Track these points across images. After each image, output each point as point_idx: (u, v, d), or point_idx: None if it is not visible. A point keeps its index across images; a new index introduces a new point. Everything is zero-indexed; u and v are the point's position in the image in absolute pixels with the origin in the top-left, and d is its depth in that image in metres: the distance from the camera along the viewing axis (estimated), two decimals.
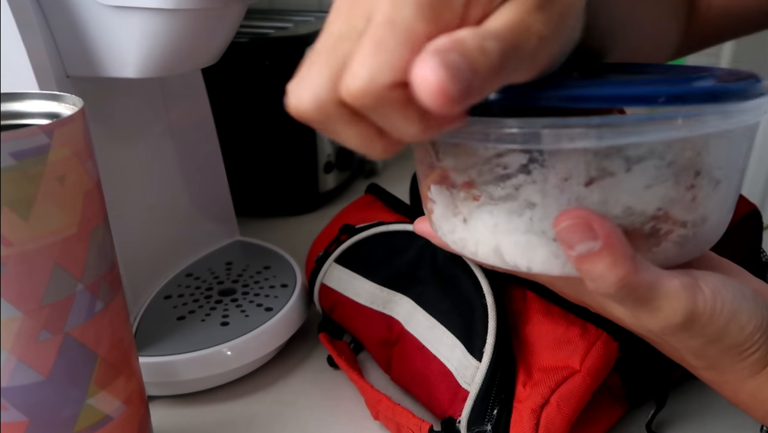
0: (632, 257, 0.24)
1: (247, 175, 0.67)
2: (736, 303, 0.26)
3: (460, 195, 0.27)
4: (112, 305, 0.31)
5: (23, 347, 0.28)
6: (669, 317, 0.25)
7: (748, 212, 0.42)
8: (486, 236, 0.27)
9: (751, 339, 0.26)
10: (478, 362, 0.35)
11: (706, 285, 0.25)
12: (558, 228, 0.24)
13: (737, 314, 0.26)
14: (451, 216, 0.28)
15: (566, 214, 0.24)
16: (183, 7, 0.35)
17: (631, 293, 0.24)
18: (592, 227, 0.23)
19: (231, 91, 0.64)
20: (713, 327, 0.25)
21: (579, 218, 0.23)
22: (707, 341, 0.26)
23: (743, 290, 0.27)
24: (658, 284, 0.24)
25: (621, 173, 0.24)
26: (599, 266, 0.23)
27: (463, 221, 0.27)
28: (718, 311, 0.25)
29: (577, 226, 0.23)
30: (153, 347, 0.42)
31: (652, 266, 0.25)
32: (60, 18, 0.37)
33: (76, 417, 0.30)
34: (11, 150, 0.25)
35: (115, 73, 0.38)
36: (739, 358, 0.27)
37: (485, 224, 0.26)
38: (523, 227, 0.25)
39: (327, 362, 0.46)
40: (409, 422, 0.36)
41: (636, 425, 0.38)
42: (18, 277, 0.27)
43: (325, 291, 0.46)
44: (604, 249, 0.23)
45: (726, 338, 0.26)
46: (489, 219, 0.26)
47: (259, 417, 0.41)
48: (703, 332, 0.26)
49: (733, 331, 0.26)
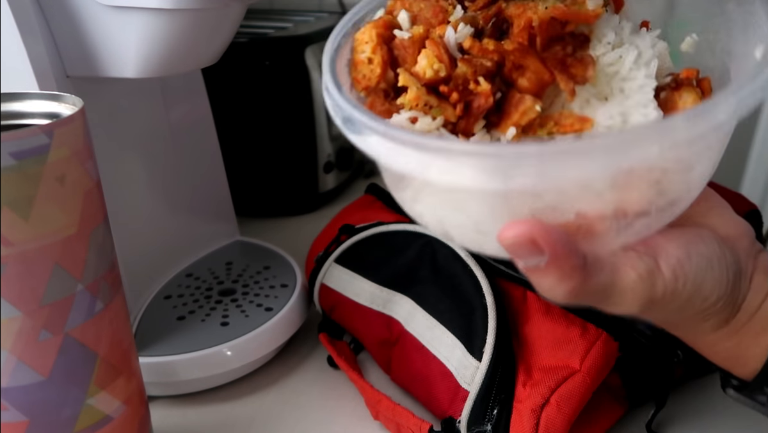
0: (581, 266, 0.23)
1: (247, 175, 0.67)
2: (700, 277, 0.25)
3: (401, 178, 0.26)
4: (112, 305, 0.31)
5: (23, 347, 0.28)
6: (627, 308, 0.25)
7: (747, 212, 0.42)
8: (433, 221, 0.26)
9: (714, 306, 0.27)
10: (478, 362, 0.35)
11: (667, 265, 0.25)
12: (503, 243, 0.23)
13: (700, 288, 0.25)
14: (399, 190, 0.27)
15: (511, 228, 0.22)
16: (183, 7, 0.35)
17: (585, 298, 0.24)
18: (537, 243, 0.22)
19: (231, 91, 0.64)
20: (674, 304, 0.25)
21: (522, 233, 0.22)
22: (669, 312, 0.26)
23: (710, 255, 0.26)
24: (612, 282, 0.24)
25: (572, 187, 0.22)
26: (547, 279, 0.23)
27: (411, 199, 0.26)
28: (680, 290, 0.25)
29: (521, 241, 0.22)
30: (153, 347, 0.42)
31: (606, 264, 0.24)
32: (60, 18, 0.37)
33: (76, 417, 0.30)
34: (11, 150, 0.25)
35: (115, 73, 0.38)
36: (701, 321, 0.27)
37: (432, 213, 0.25)
38: (468, 224, 0.24)
39: (327, 362, 0.46)
40: (409, 422, 0.36)
41: (636, 425, 0.38)
42: (18, 277, 0.27)
43: (325, 291, 0.46)
44: (551, 264, 0.22)
45: (688, 309, 0.26)
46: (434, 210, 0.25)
47: (259, 417, 0.41)
48: (663, 310, 0.26)
49: (696, 302, 0.26)
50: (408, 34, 0.27)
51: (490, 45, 0.25)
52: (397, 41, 0.27)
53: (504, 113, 0.25)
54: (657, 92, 0.26)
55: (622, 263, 0.24)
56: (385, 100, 0.26)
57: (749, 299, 0.28)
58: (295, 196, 0.70)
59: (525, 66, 0.25)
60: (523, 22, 0.25)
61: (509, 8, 0.26)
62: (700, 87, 0.28)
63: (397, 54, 0.26)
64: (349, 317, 0.45)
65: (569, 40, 0.26)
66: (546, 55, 0.25)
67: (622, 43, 0.27)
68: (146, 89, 0.47)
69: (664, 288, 0.25)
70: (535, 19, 0.25)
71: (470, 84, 0.25)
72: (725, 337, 0.28)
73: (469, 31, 0.26)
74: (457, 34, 0.26)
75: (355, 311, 0.44)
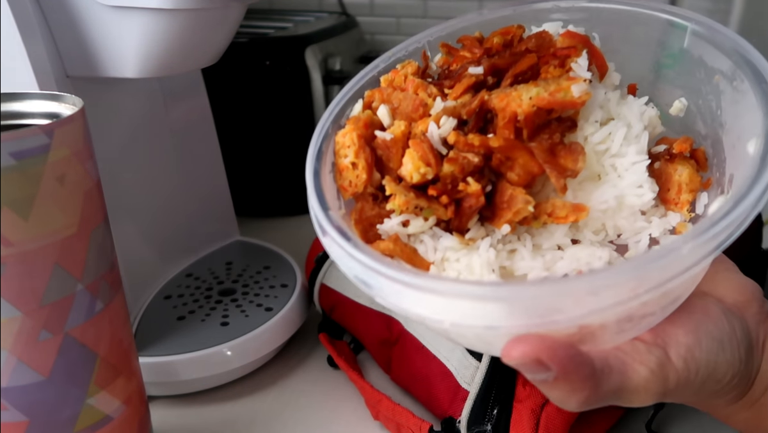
0: (590, 376, 0.22)
1: (247, 175, 0.67)
2: (712, 362, 0.25)
3: None
4: (112, 305, 0.31)
5: (23, 347, 0.28)
6: (642, 401, 0.24)
7: None
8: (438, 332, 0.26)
9: (728, 386, 0.26)
10: (478, 361, 0.35)
11: (677, 354, 0.24)
12: (508, 361, 0.22)
13: (714, 372, 0.25)
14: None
15: (514, 347, 0.22)
16: (183, 7, 0.35)
17: (599, 401, 0.23)
18: (543, 361, 0.22)
19: (231, 91, 0.64)
20: (689, 390, 0.25)
21: (527, 353, 0.22)
22: (684, 397, 0.26)
23: (720, 337, 0.25)
24: (623, 384, 0.23)
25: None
26: (557, 392, 0.23)
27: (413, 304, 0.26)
28: (693, 378, 0.24)
29: (527, 361, 0.22)
30: (153, 347, 0.42)
31: (615, 366, 0.23)
32: (60, 18, 0.37)
33: (76, 417, 0.30)
34: (11, 150, 0.25)
35: (115, 73, 0.38)
36: (716, 398, 0.27)
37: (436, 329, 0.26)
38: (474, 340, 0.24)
39: (327, 362, 0.46)
40: (409, 422, 0.36)
41: (636, 425, 0.38)
42: (18, 277, 0.27)
43: (325, 291, 0.46)
44: (560, 378, 0.22)
45: (703, 391, 0.26)
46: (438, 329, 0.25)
47: (259, 417, 0.41)
48: (679, 396, 0.25)
49: (710, 385, 0.25)
50: (390, 135, 0.26)
51: (476, 141, 0.25)
52: (379, 141, 0.26)
53: (496, 207, 0.25)
54: (651, 161, 0.26)
55: (631, 360, 0.24)
56: (374, 204, 0.26)
57: (763, 370, 0.27)
58: (295, 196, 0.70)
59: (513, 159, 0.24)
60: (508, 115, 0.25)
61: (492, 100, 0.25)
62: (694, 158, 0.28)
63: (381, 154, 0.26)
64: (349, 317, 0.45)
65: (556, 126, 0.25)
66: (533, 145, 0.25)
67: (610, 117, 0.26)
68: (146, 89, 0.47)
69: (677, 379, 0.24)
70: (521, 112, 0.25)
71: (459, 183, 0.24)
72: (742, 409, 0.28)
73: (452, 124, 0.25)
74: (441, 129, 0.25)
75: (355, 310, 0.44)
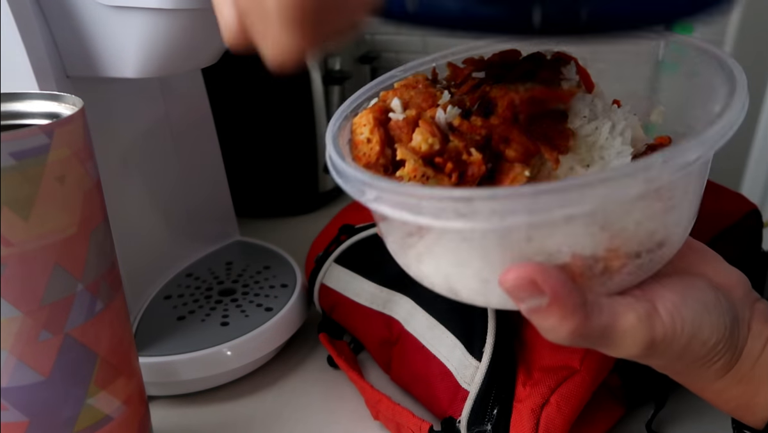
0: (581, 305, 0.24)
1: (247, 176, 0.67)
2: (697, 321, 0.26)
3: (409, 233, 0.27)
4: (112, 305, 0.31)
5: (23, 347, 0.28)
6: (628, 350, 0.25)
7: (747, 212, 0.42)
8: (439, 278, 0.27)
9: (713, 351, 0.27)
10: (478, 361, 0.35)
11: (665, 308, 0.25)
12: (504, 286, 0.24)
13: (699, 332, 0.26)
14: (403, 253, 0.28)
15: (510, 271, 0.23)
16: (183, 7, 0.35)
17: (587, 338, 0.24)
18: (537, 284, 0.23)
19: (231, 91, 0.64)
20: (674, 348, 0.26)
21: (523, 275, 0.23)
22: (670, 359, 0.27)
23: (705, 301, 0.26)
24: (612, 324, 0.24)
25: (563, 226, 0.23)
26: (550, 320, 0.24)
27: (416, 259, 0.27)
28: (678, 333, 0.25)
29: (522, 283, 0.23)
30: (153, 347, 0.42)
31: (605, 306, 0.24)
32: (60, 18, 0.37)
33: (76, 417, 0.30)
34: (11, 150, 0.25)
35: (115, 73, 0.38)
36: (704, 368, 0.27)
37: (436, 270, 0.27)
38: (472, 275, 0.25)
39: (327, 362, 0.46)
40: (409, 422, 0.36)
41: (636, 425, 0.38)
42: (18, 277, 0.27)
43: (325, 291, 0.46)
44: (552, 304, 0.23)
45: (689, 354, 0.26)
46: (439, 266, 0.26)
47: (259, 417, 0.41)
48: (664, 354, 0.26)
49: (696, 347, 0.26)
50: (402, 116, 0.29)
51: (478, 122, 0.28)
52: (392, 123, 0.29)
53: (496, 181, 0.27)
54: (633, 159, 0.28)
55: (621, 306, 0.25)
56: (384, 174, 0.28)
57: (750, 346, 0.28)
58: (295, 196, 0.70)
59: (511, 138, 0.27)
60: (506, 102, 0.28)
61: (493, 91, 0.29)
62: None
63: (393, 134, 0.29)
64: (349, 317, 0.45)
65: (548, 115, 0.28)
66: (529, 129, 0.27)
67: (596, 117, 0.29)
68: (146, 89, 0.47)
69: (663, 330, 0.25)
70: (517, 99, 0.28)
71: (463, 155, 0.27)
72: (731, 384, 0.28)
73: (457, 112, 0.28)
74: (447, 114, 0.28)
75: (355, 310, 0.44)
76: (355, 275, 0.44)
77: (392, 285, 0.42)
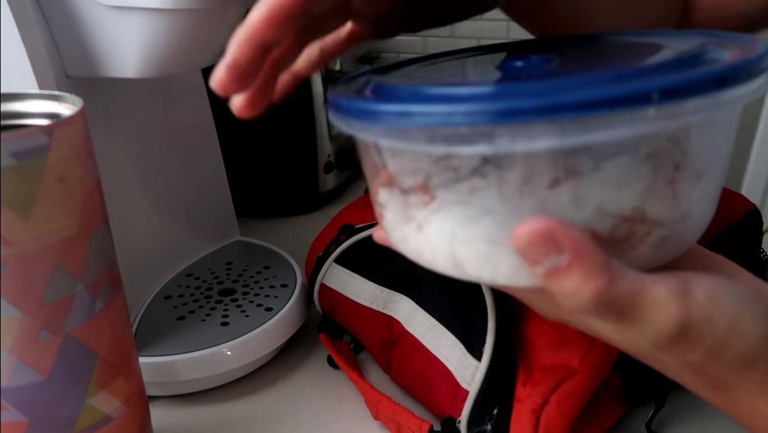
0: (606, 264, 0.21)
1: (247, 176, 0.67)
2: (736, 309, 0.22)
3: (411, 200, 0.24)
4: (112, 305, 0.31)
5: (23, 347, 0.28)
6: (659, 329, 0.22)
7: (748, 212, 0.42)
8: (443, 245, 0.24)
9: (757, 349, 0.23)
10: (478, 361, 0.35)
11: (700, 289, 0.22)
12: (518, 243, 0.21)
13: (739, 322, 0.22)
14: (403, 223, 0.25)
15: (526, 225, 0.20)
16: (183, 7, 0.35)
17: (612, 306, 0.21)
18: (557, 238, 0.20)
19: None
20: (712, 337, 0.22)
21: (540, 229, 0.20)
22: (706, 354, 0.23)
23: (743, 294, 0.23)
24: (641, 291, 0.21)
25: (589, 172, 0.21)
26: (570, 280, 0.21)
27: (416, 229, 0.24)
28: (716, 319, 0.22)
29: (538, 239, 0.20)
30: (153, 347, 0.42)
31: (632, 271, 0.21)
32: (60, 18, 0.37)
33: (76, 417, 0.30)
34: (11, 150, 0.25)
35: (115, 73, 0.38)
36: (746, 372, 0.23)
37: (441, 232, 0.24)
38: (481, 236, 0.22)
39: (327, 362, 0.46)
40: (409, 422, 0.36)
41: (636, 425, 0.38)
42: (18, 277, 0.27)
43: (325, 291, 0.46)
44: (574, 261, 0.20)
45: (728, 349, 0.23)
46: (444, 227, 0.23)
47: (259, 417, 0.41)
48: (700, 344, 0.22)
49: (735, 340, 0.22)
50: None
51: None
52: None
53: None
54: None
55: (650, 278, 0.22)
56: None
57: None
58: (295, 196, 0.70)
59: None
60: None
61: None
62: None
63: None
64: (349, 317, 0.45)
65: None
66: None
67: None
68: (146, 89, 0.47)
69: (698, 311, 0.22)
70: None
71: None
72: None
73: None
74: None
75: (355, 311, 0.44)
76: (355, 275, 0.44)
77: (392, 285, 0.42)
